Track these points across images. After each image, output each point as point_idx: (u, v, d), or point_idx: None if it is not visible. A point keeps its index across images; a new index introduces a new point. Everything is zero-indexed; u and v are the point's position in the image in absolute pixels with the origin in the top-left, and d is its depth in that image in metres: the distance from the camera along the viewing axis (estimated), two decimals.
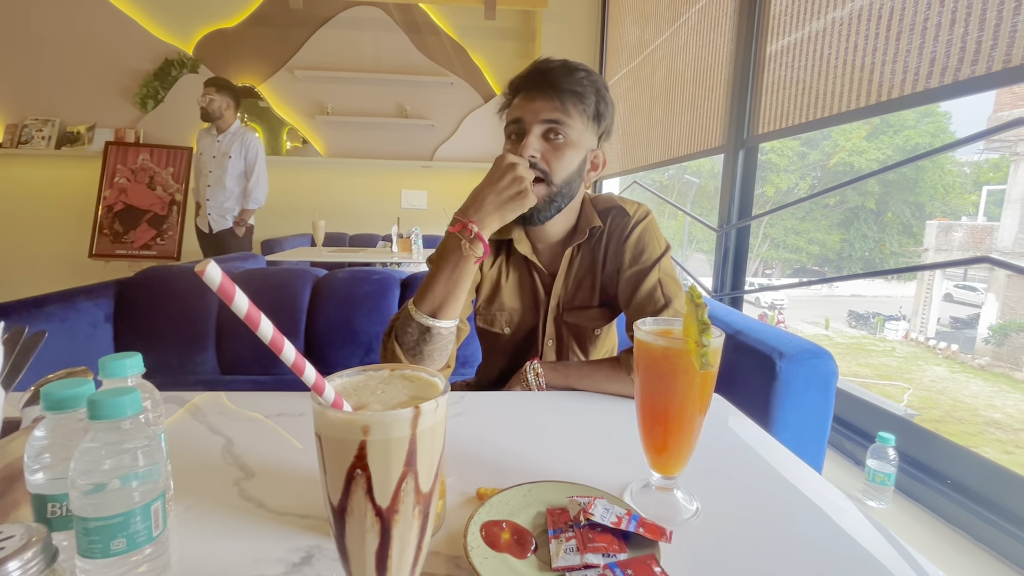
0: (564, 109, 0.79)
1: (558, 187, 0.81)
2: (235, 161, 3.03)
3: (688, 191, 5.23)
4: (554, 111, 0.79)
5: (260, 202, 3.14)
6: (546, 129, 0.80)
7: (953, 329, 4.40)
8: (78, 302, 1.35)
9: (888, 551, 0.45)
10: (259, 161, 3.07)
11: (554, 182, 0.80)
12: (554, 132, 0.79)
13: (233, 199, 3.09)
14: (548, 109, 0.79)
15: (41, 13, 3.62)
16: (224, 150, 3.02)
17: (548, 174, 0.80)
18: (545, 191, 0.80)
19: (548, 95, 0.79)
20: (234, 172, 3.04)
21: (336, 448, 0.28)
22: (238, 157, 3.03)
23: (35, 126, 3.69)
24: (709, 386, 0.49)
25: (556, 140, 0.80)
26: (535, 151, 0.79)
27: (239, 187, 3.09)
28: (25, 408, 0.43)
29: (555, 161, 0.80)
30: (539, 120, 0.79)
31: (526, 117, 0.80)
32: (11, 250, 3.84)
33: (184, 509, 0.47)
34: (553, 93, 0.78)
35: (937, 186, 5.02)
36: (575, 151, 0.81)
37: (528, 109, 0.80)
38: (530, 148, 0.78)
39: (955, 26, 1.07)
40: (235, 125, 3.05)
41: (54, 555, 0.29)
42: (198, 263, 0.23)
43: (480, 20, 3.72)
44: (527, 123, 0.80)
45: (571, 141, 0.80)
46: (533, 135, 0.79)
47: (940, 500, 1.06)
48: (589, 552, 0.40)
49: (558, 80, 0.79)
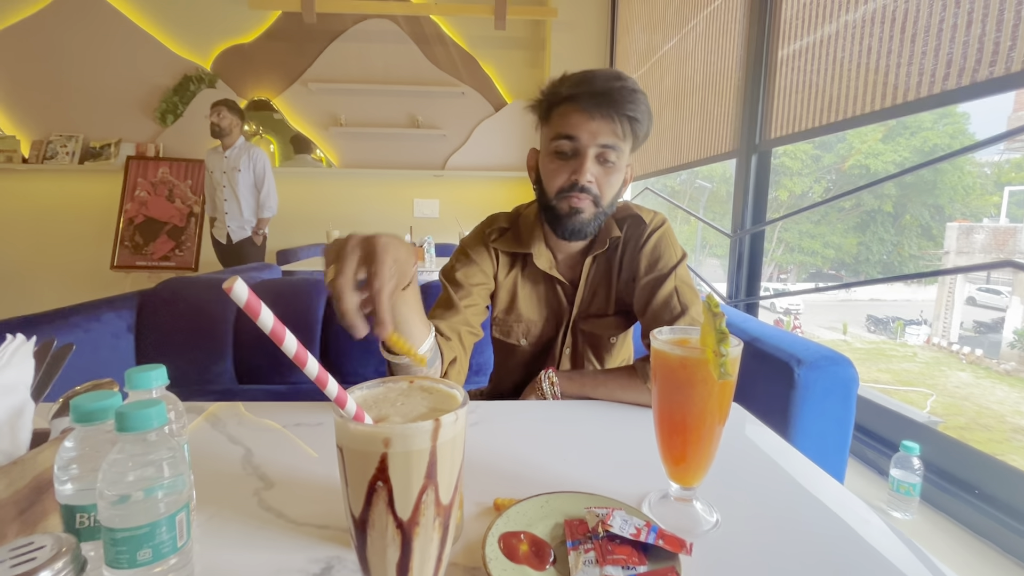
0: (621, 134, 0.78)
1: (604, 208, 0.82)
2: (244, 174, 3.19)
3: (700, 196, 5.20)
4: (612, 136, 0.77)
5: (273, 210, 3.31)
6: (600, 152, 0.79)
7: (977, 333, 4.29)
8: (101, 313, 1.38)
9: (914, 563, 0.44)
10: (267, 172, 3.24)
11: (602, 204, 0.81)
12: (606, 156, 0.79)
13: (249, 210, 3.25)
14: (607, 133, 0.77)
15: (64, 33, 3.74)
16: (233, 164, 3.17)
17: (599, 197, 0.80)
18: (593, 212, 0.81)
19: (609, 118, 0.76)
20: (245, 183, 3.20)
21: (358, 460, 0.28)
22: (247, 170, 3.19)
23: (59, 142, 3.80)
24: (728, 396, 0.48)
25: (607, 164, 0.80)
26: (592, 176, 0.79)
27: (252, 198, 3.25)
28: (54, 419, 0.44)
29: (606, 186, 0.81)
30: (596, 143, 0.78)
31: (583, 138, 0.77)
32: (37, 262, 3.95)
33: (206, 519, 0.48)
34: (615, 117, 0.76)
35: (957, 188, 4.92)
36: (619, 172, 0.82)
37: (586, 129, 0.77)
38: (588, 173, 0.78)
39: (972, 27, 1.06)
40: (240, 141, 3.21)
41: (83, 565, 0.29)
42: (225, 280, 0.24)
43: (490, 30, 3.76)
44: (584, 144, 0.78)
45: (618, 165, 0.81)
46: (590, 159, 0.78)
47: (967, 510, 1.03)
48: (609, 564, 0.39)
49: (621, 103, 0.76)
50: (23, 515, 0.38)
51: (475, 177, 4.12)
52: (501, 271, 0.92)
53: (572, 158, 0.79)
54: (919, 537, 1.02)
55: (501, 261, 0.92)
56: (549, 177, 0.82)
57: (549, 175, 0.82)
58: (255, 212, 3.28)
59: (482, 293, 0.89)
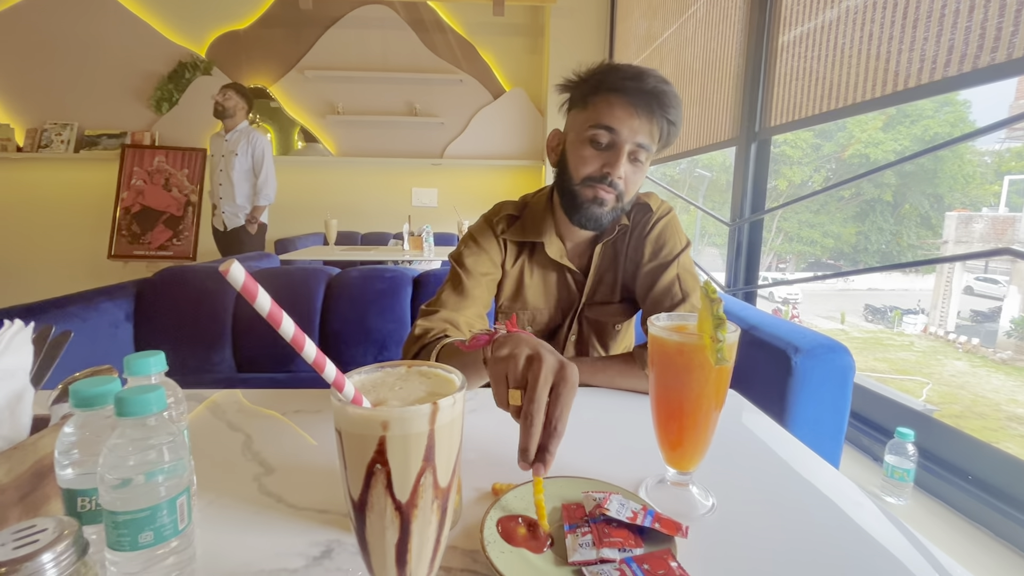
0: (656, 136, 0.78)
1: (624, 204, 0.82)
2: (242, 158, 3.08)
3: (699, 185, 5.18)
4: (648, 136, 0.77)
5: (270, 199, 3.18)
6: (633, 149, 0.78)
7: (974, 323, 4.31)
8: (99, 302, 1.38)
9: (907, 547, 0.44)
10: (267, 158, 3.11)
11: (624, 199, 0.81)
12: (638, 156, 0.79)
13: (243, 196, 3.14)
14: (645, 132, 0.77)
15: (58, 20, 3.69)
16: (231, 148, 3.08)
17: (623, 194, 0.80)
18: (614, 205, 0.81)
19: (651, 118, 0.76)
20: (241, 169, 3.09)
21: (356, 444, 0.29)
22: (244, 155, 3.09)
23: (54, 130, 3.76)
24: (725, 381, 0.48)
25: (637, 163, 0.80)
26: (623, 173, 0.78)
27: (248, 184, 3.14)
28: (54, 405, 0.45)
29: (632, 184, 0.81)
30: (633, 140, 0.77)
31: (623, 132, 0.76)
32: (33, 252, 3.94)
33: (207, 504, 0.48)
34: (658, 117, 0.76)
35: (957, 176, 4.91)
36: (643, 174, 0.82)
37: (628, 124, 0.76)
38: (620, 169, 0.78)
39: (974, 12, 1.04)
40: (243, 125, 3.12)
41: (85, 548, 0.30)
42: (222, 263, 0.24)
43: (488, 16, 3.71)
44: (623, 139, 0.77)
45: (645, 166, 0.81)
46: (624, 155, 0.77)
47: (961, 496, 1.04)
48: (605, 547, 0.40)
49: (665, 107, 0.76)
50: (25, 499, 0.38)
51: (474, 166, 4.09)
52: (508, 260, 0.92)
53: (606, 150, 0.79)
54: (912, 522, 1.03)
55: (509, 250, 0.92)
56: (578, 163, 0.81)
57: (579, 161, 0.81)
58: (250, 199, 3.16)
59: (489, 284, 0.90)
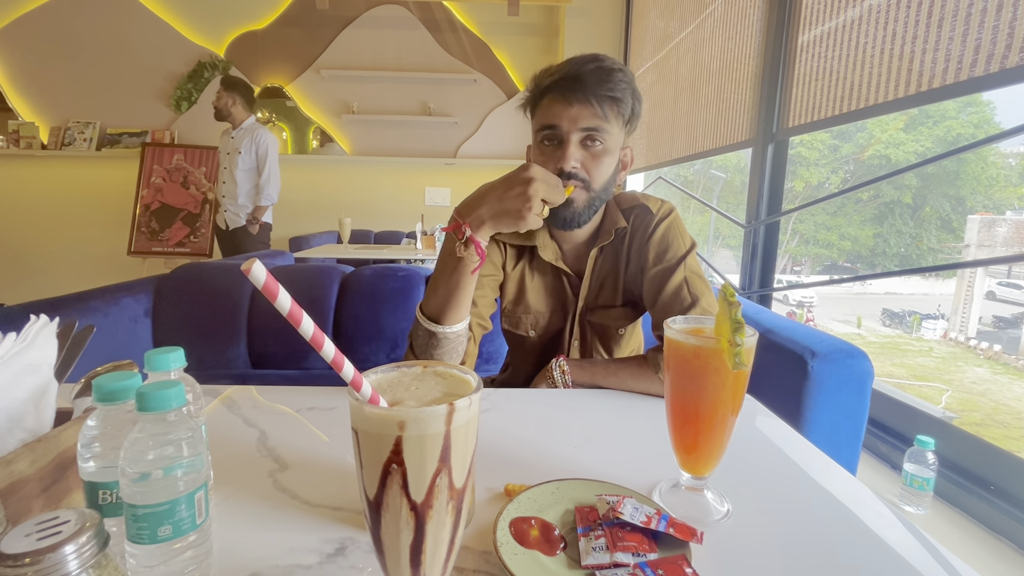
0: (603, 116, 0.76)
1: (597, 193, 0.81)
2: (245, 156, 2.99)
3: (714, 186, 5.13)
4: (593, 118, 0.76)
5: (272, 199, 3.07)
6: (584, 137, 0.77)
7: (996, 329, 4.21)
8: (120, 298, 1.40)
9: (926, 558, 0.43)
10: (270, 157, 3.00)
11: (594, 188, 0.80)
12: (592, 139, 0.78)
13: (245, 195, 3.04)
14: (587, 116, 0.76)
15: (81, 20, 3.77)
16: (236, 146, 3.00)
17: (588, 182, 0.79)
18: (586, 197, 0.80)
19: (586, 102, 0.75)
20: (244, 167, 3.00)
21: (373, 443, 0.29)
22: (248, 152, 2.99)
23: (77, 128, 3.84)
24: (742, 386, 0.48)
25: (594, 147, 0.78)
26: (576, 161, 0.77)
27: (250, 183, 3.04)
28: (76, 399, 0.45)
29: (595, 169, 0.79)
30: (577, 128, 0.77)
31: (563, 125, 0.77)
32: (56, 247, 4.03)
33: (223, 499, 0.49)
34: (592, 100, 0.75)
35: (980, 179, 4.79)
36: (611, 155, 0.80)
37: (565, 116, 0.77)
38: (572, 159, 0.77)
39: (1002, 11, 1.02)
40: (248, 121, 3.03)
41: (106, 540, 0.30)
42: (244, 262, 0.24)
43: (503, 16, 3.72)
44: (565, 131, 0.77)
45: (608, 147, 0.79)
46: (573, 145, 0.77)
47: (982, 506, 1.02)
48: (619, 551, 0.39)
49: (597, 86, 0.75)
50: (47, 491, 0.39)
51: (487, 165, 4.10)
52: (509, 262, 0.92)
53: (558, 147, 0.78)
54: (932, 532, 1.01)
55: (509, 253, 0.92)
56: None
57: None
58: (251, 198, 3.05)
59: (492, 284, 0.90)
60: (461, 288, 0.71)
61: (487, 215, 0.68)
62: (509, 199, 0.67)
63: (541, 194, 0.67)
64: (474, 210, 0.69)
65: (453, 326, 0.73)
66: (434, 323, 0.73)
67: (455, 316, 0.73)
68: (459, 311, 0.73)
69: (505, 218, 0.68)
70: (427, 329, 0.73)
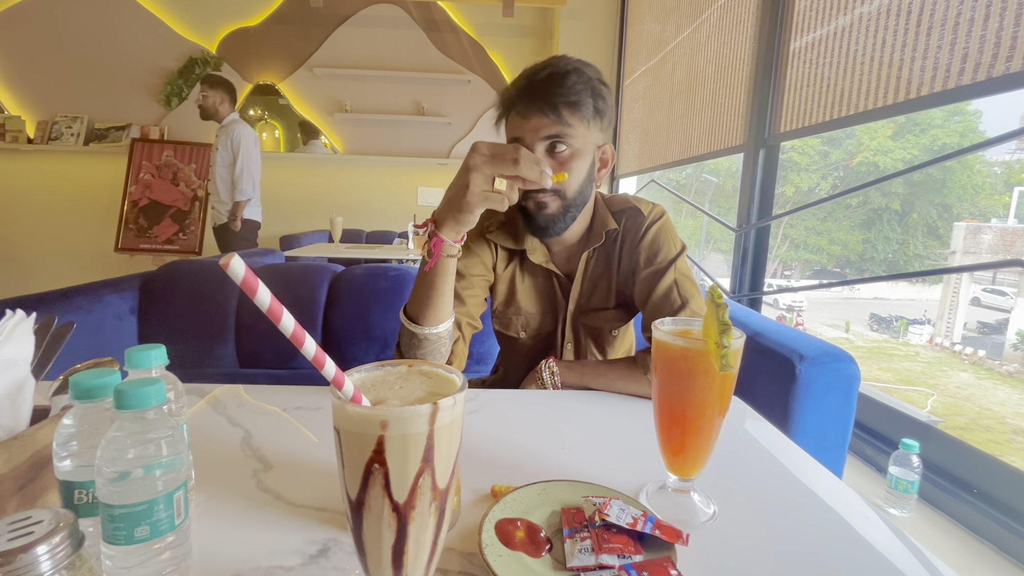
0: (562, 121, 0.76)
1: (572, 199, 0.80)
2: (223, 152, 2.97)
3: (706, 190, 5.16)
4: (552, 126, 0.76)
5: (247, 193, 3.01)
6: (548, 144, 0.77)
7: (981, 334, 4.27)
8: (104, 295, 1.38)
9: (910, 560, 0.44)
10: (243, 149, 2.95)
11: (568, 195, 0.79)
12: (556, 146, 0.77)
13: (225, 191, 3.02)
14: (546, 125, 0.76)
15: (69, 13, 3.72)
16: (217, 144, 3.00)
17: (561, 188, 0.79)
18: (560, 204, 0.80)
19: (543, 111, 0.75)
20: (223, 163, 2.98)
21: (354, 442, 0.28)
22: (224, 148, 2.97)
23: (65, 123, 3.79)
24: (729, 388, 0.48)
25: (561, 153, 0.77)
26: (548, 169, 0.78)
27: (230, 178, 3.00)
28: (54, 397, 0.45)
29: (567, 174, 0.79)
30: (540, 138, 0.76)
31: (526, 137, 0.77)
32: (40, 243, 3.96)
33: (205, 499, 0.48)
34: (548, 108, 0.75)
35: (966, 187, 4.86)
36: (582, 158, 0.79)
37: (526, 128, 0.77)
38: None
39: (989, 21, 1.03)
40: (229, 117, 3.00)
41: (81, 541, 0.29)
42: (222, 257, 0.23)
43: (498, 17, 3.71)
44: (529, 144, 0.77)
45: (576, 150, 0.78)
46: (539, 155, 0.76)
47: (965, 509, 1.03)
48: (604, 553, 0.39)
49: (550, 93, 0.75)
50: (22, 490, 0.38)
51: None
52: (500, 263, 0.91)
53: None
54: (916, 534, 1.02)
55: (500, 254, 0.91)
56: None
57: None
58: (230, 194, 3.00)
59: (482, 285, 0.89)
60: (435, 289, 0.70)
61: (445, 209, 0.66)
62: (453, 187, 0.65)
63: (484, 171, 0.62)
64: (440, 210, 0.68)
65: (434, 327, 0.72)
66: (415, 324, 0.72)
67: (434, 317, 0.72)
68: (437, 312, 0.72)
69: (453, 207, 0.64)
70: (408, 330, 0.73)
